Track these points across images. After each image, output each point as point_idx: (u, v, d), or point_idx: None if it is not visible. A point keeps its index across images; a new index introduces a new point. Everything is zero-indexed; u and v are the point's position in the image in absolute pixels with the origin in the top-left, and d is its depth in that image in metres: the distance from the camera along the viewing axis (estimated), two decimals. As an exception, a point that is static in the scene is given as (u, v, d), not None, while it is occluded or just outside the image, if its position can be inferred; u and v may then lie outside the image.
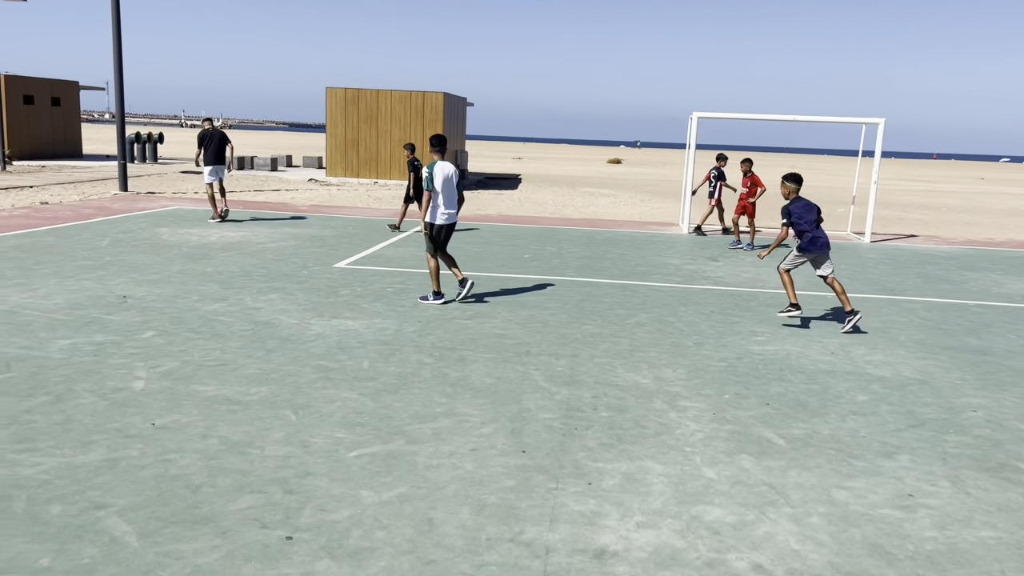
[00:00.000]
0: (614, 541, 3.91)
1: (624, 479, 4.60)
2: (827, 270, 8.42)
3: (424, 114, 26.56)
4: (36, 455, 4.54)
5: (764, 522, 4.17)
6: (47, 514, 3.90)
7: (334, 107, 26.82)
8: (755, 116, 17.02)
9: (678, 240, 15.50)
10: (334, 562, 3.61)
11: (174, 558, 3.58)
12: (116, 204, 17.14)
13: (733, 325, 8.47)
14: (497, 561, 3.68)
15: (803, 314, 8.78)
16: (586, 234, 15.78)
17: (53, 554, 3.56)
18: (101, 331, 7.10)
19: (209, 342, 6.91)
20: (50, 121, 31.75)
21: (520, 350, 7.13)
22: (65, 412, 5.19)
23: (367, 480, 4.43)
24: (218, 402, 5.50)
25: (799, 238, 8.36)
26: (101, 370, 6.05)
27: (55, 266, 9.89)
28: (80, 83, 33.91)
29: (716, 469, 4.80)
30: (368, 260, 11.49)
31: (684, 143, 16.87)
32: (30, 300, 8.10)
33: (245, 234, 13.45)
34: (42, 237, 12.14)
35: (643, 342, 7.60)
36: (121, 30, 18.81)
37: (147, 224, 14.11)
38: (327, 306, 8.47)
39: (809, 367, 7.03)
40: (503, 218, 18.12)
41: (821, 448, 5.20)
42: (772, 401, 6.08)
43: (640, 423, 5.49)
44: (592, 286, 10.29)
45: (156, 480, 4.31)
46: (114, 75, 19.09)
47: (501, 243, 13.85)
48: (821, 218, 8.36)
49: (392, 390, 5.92)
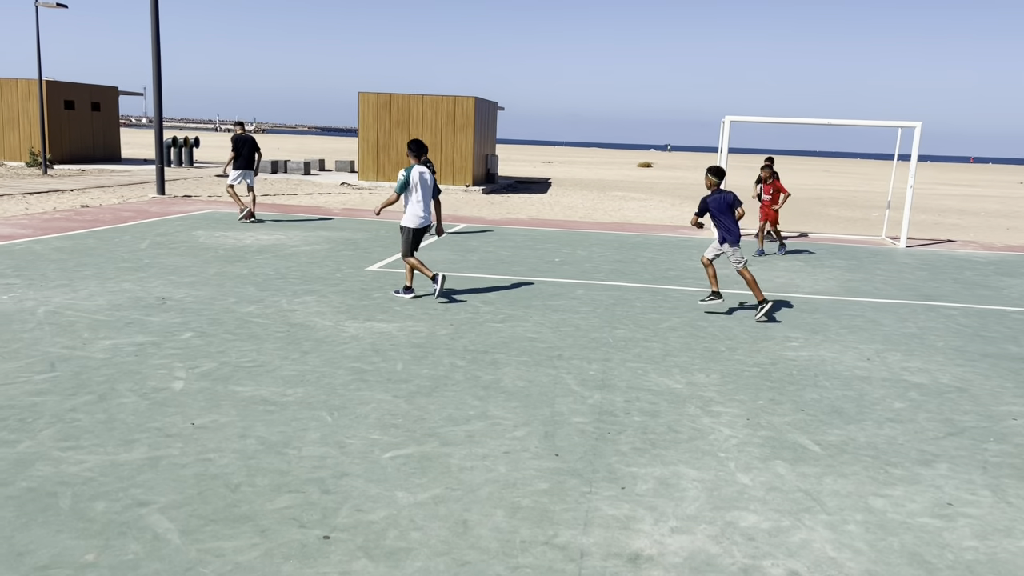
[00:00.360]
0: (648, 546, 3.91)
1: (658, 484, 4.59)
2: (738, 263, 9.00)
3: (455, 118, 26.70)
4: (81, 453, 4.65)
5: (800, 529, 4.14)
6: (92, 511, 3.99)
7: (367, 112, 27.05)
8: (788, 120, 16.88)
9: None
10: (371, 562, 3.65)
11: (215, 555, 3.65)
12: (154, 207, 17.45)
13: (766, 330, 8.41)
14: (532, 564, 3.70)
15: (723, 304, 9.24)
16: (617, 238, 15.75)
17: (98, 550, 3.64)
18: (141, 332, 7.24)
19: (246, 343, 7.01)
20: (90, 126, 32.40)
21: (552, 354, 7.15)
22: (108, 411, 5.31)
23: (402, 481, 4.47)
24: (255, 403, 5.59)
25: (718, 230, 9.03)
26: (142, 370, 6.18)
27: (96, 268, 10.10)
28: (119, 88, 34.57)
29: (751, 475, 4.77)
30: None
31: (715, 147, 16.77)
32: (73, 301, 8.28)
33: (279, 237, 13.62)
34: (83, 239, 12.40)
35: (675, 347, 7.58)
36: (160, 38, 19.15)
37: (184, 227, 14.34)
38: (361, 308, 8.55)
39: (844, 373, 6.96)
40: (533, 222, 18.15)
41: (857, 455, 5.15)
42: (807, 407, 6.03)
43: (673, 428, 5.48)
44: (623, 290, 10.28)
45: (196, 479, 4.39)
46: (152, 81, 19.44)
47: (531, 247, 13.88)
48: (743, 212, 8.96)
49: (426, 392, 5.97)
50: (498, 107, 32.48)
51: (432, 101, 26.69)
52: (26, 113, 29.91)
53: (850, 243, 16.66)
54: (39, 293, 8.57)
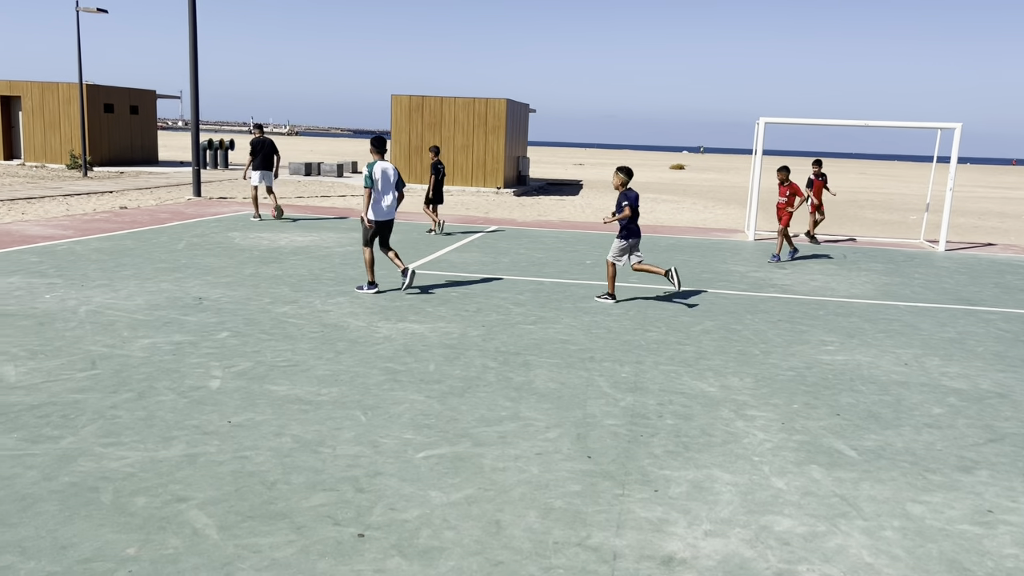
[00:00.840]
0: (682, 549, 3.89)
1: (691, 487, 4.57)
2: (636, 258, 9.44)
3: (487, 121, 26.77)
4: (121, 449, 4.74)
5: (836, 534, 4.09)
6: (133, 505, 4.07)
7: (399, 114, 27.23)
8: (825, 121, 16.69)
9: (743, 247, 15.29)
10: (404, 560, 3.68)
11: (252, 551, 3.70)
12: (190, 209, 17.72)
13: (801, 334, 8.33)
14: (565, 565, 3.70)
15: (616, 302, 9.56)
16: (649, 240, 15.68)
17: (139, 544, 3.72)
18: (179, 331, 7.36)
19: (281, 343, 7.10)
20: (128, 128, 32.99)
21: (584, 356, 7.14)
22: (147, 408, 5.41)
23: (435, 481, 4.50)
24: (290, 401, 5.66)
25: (628, 227, 9.34)
26: (180, 369, 6.28)
27: (135, 268, 10.28)
28: (156, 92, 35.16)
29: (785, 479, 4.73)
30: (432, 265, 11.63)
31: (749, 148, 16.64)
32: (113, 301, 8.45)
33: (313, 238, 13.76)
34: (122, 240, 12.64)
35: (709, 350, 7.53)
36: (197, 42, 19.46)
37: (220, 228, 14.55)
38: (393, 310, 8.62)
39: (881, 378, 6.87)
40: (564, 224, 18.14)
41: (895, 461, 5.08)
42: (843, 412, 5.96)
43: (707, 431, 5.45)
44: (656, 292, 10.23)
45: (233, 476, 4.46)
46: (189, 85, 19.75)
47: (563, 249, 13.87)
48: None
49: (458, 393, 6.00)
50: (530, 109, 32.52)
51: (464, 103, 26.79)
52: (67, 117, 30.55)
53: (887, 246, 16.42)
54: (80, 292, 8.75)
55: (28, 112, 30.89)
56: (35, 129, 30.93)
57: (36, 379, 5.89)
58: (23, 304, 8.13)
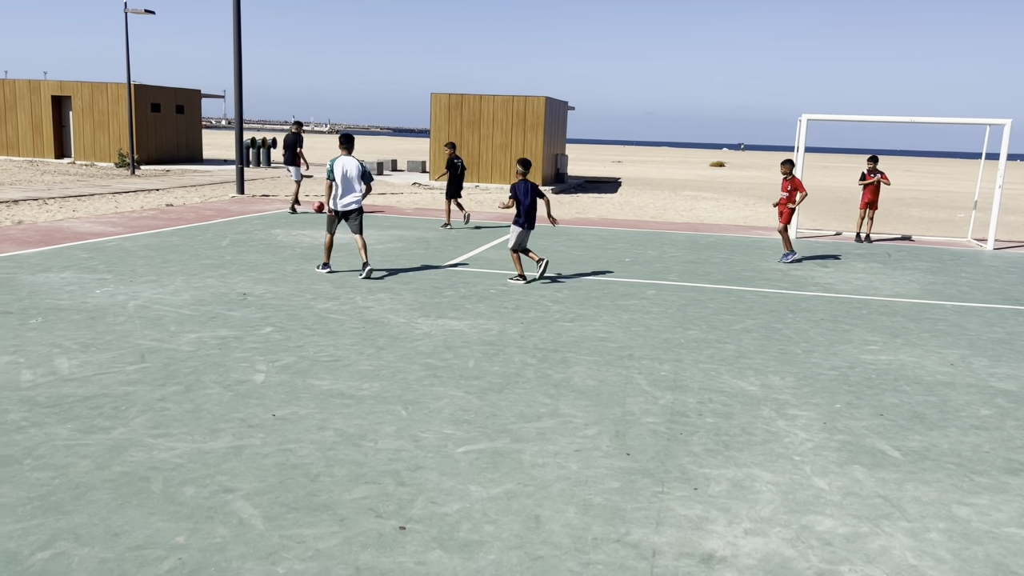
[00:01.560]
0: (722, 547, 3.89)
1: (731, 485, 4.55)
2: (510, 243, 10.32)
3: (526, 118, 26.79)
4: (170, 440, 4.87)
5: (879, 535, 4.05)
6: (181, 495, 4.18)
7: (438, 112, 27.38)
8: (869, 118, 16.42)
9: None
10: (445, 553, 3.73)
11: (296, 542, 3.78)
12: (234, 206, 18.03)
13: (844, 333, 8.22)
14: (604, 560, 3.72)
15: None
16: (689, 238, 15.58)
17: (188, 532, 3.82)
18: (224, 326, 7.51)
19: (323, 339, 7.21)
20: (174, 127, 33.64)
21: (623, 353, 7.14)
22: (194, 401, 5.54)
23: (475, 476, 4.54)
24: (333, 396, 5.75)
25: (518, 215, 10.26)
26: (225, 363, 6.42)
27: (181, 264, 10.51)
28: (201, 91, 35.79)
29: (827, 479, 4.69)
30: (471, 262, 11.70)
31: (791, 146, 16.43)
32: (160, 296, 8.65)
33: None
34: (168, 237, 12.92)
35: (749, 348, 7.48)
36: (241, 44, 19.78)
37: (263, 225, 14.79)
38: (433, 306, 8.69)
39: (926, 378, 6.76)
40: (603, 222, 18.09)
41: (940, 462, 5.00)
42: (886, 412, 5.88)
43: (747, 430, 5.41)
44: (696, 291, 10.17)
45: (278, 468, 4.55)
46: (234, 85, 20.08)
47: (602, 247, 13.85)
48: (542, 199, 10.27)
49: (497, 389, 6.04)
50: (568, 107, 32.46)
51: (503, 101, 26.84)
52: (116, 116, 31.26)
53: (933, 245, 16.11)
54: (129, 288, 8.97)
55: (78, 112, 31.67)
56: (85, 128, 31.69)
57: (88, 371, 6.07)
58: (75, 299, 8.36)
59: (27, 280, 9.18)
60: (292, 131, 17.24)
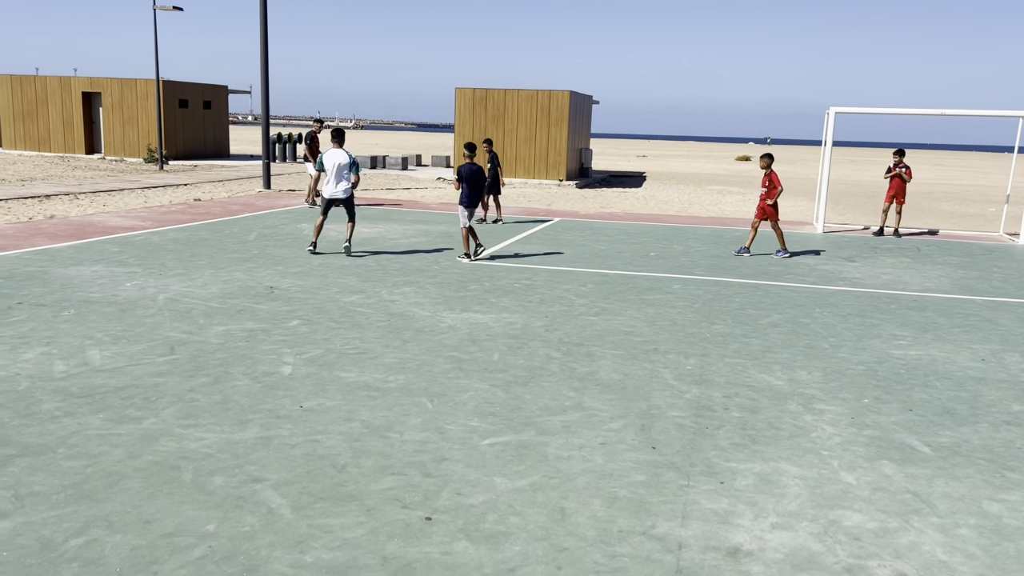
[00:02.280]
0: (748, 540, 3.87)
1: (758, 479, 4.53)
2: (463, 223, 11.19)
3: (550, 113, 26.74)
4: (200, 431, 4.93)
5: (908, 531, 4.01)
6: (211, 485, 4.24)
7: (463, 107, 27.40)
8: (898, 111, 16.20)
9: (812, 239, 14.97)
10: (471, 544, 3.75)
11: (324, 531, 3.82)
12: (261, 201, 18.19)
13: (872, 328, 8.13)
14: (629, 553, 3.72)
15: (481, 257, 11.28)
16: (714, 232, 15.49)
17: (218, 521, 3.87)
18: (252, 319, 7.59)
19: (349, 332, 7.26)
20: (202, 123, 33.98)
21: (648, 348, 7.12)
22: (223, 392, 5.61)
23: (500, 468, 4.56)
24: (359, 388, 5.79)
25: (464, 195, 11.13)
26: (253, 355, 6.48)
27: (209, 258, 10.63)
28: (228, 87, 36.11)
29: (855, 474, 4.65)
30: (495, 256, 11.71)
31: (818, 140, 16.25)
32: (189, 289, 8.76)
33: (379, 230, 13.99)
34: (197, 231, 13.06)
35: (776, 343, 7.42)
36: (268, 41, 19.93)
37: (289, 220, 14.91)
38: (458, 300, 8.72)
39: (957, 373, 6.67)
40: (628, 216, 18.03)
41: (971, 458, 4.94)
42: (916, 407, 5.81)
43: (774, 424, 5.38)
44: (721, 285, 10.11)
45: (305, 458, 4.59)
46: (260, 83, 20.24)
47: (626, 241, 13.80)
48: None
49: (522, 382, 6.05)
50: (593, 101, 32.35)
51: (527, 96, 26.80)
52: (144, 112, 31.63)
53: (964, 239, 15.87)
54: (159, 281, 9.09)
55: (108, 108, 32.09)
56: (114, 124, 32.11)
57: (119, 363, 6.16)
58: (106, 291, 8.49)
59: (59, 273, 9.34)
60: (313, 129, 17.71)
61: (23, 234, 12.14)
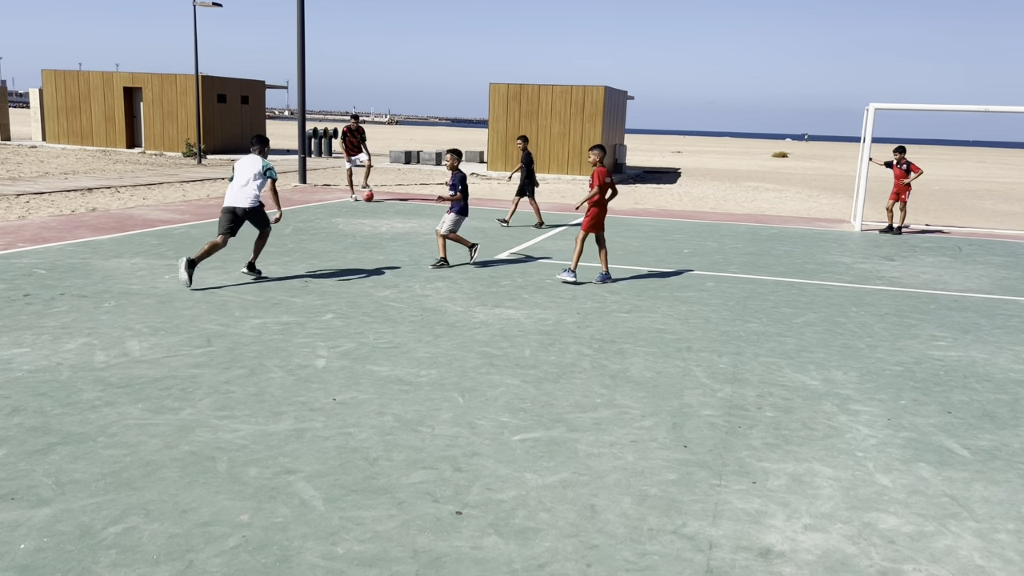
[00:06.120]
0: (780, 541, 3.83)
1: (791, 480, 4.48)
2: (445, 228, 10.28)
3: (584, 108, 26.64)
4: (235, 422, 5.01)
5: (945, 535, 3.94)
6: (245, 475, 4.30)
7: (496, 102, 27.40)
8: (940, 107, 15.89)
9: (849, 237, 14.75)
10: (501, 539, 3.76)
11: (356, 523, 3.86)
12: (296, 195, 18.37)
13: (910, 328, 7.99)
14: (659, 551, 3.71)
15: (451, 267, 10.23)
16: (750, 230, 15.33)
17: (252, 511, 3.93)
18: (287, 312, 7.68)
19: (382, 326, 7.32)
20: (239, 118, 34.39)
21: (680, 345, 7.07)
22: (258, 384, 5.68)
23: (531, 464, 4.57)
24: (391, 382, 5.83)
25: (459, 204, 10.28)
26: (287, 348, 6.56)
27: (245, 252, 10.76)
28: (265, 82, 36.50)
29: (891, 476, 4.58)
30: (527, 252, 11.71)
31: (857, 136, 16.00)
32: (225, 282, 8.88)
33: (412, 225, 14.06)
34: (234, 225, 13.22)
35: (811, 342, 7.33)
36: (305, 36, 20.10)
37: (324, 214, 15.04)
38: (490, 295, 8.74)
39: (998, 376, 6.53)
40: (662, 212, 17.91)
41: (1011, 462, 4.84)
42: (955, 410, 5.71)
43: (808, 425, 5.32)
44: (756, 283, 10.01)
45: (338, 451, 4.64)
46: (297, 77, 20.43)
47: (660, 238, 13.71)
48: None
49: (553, 379, 6.05)
50: (628, 96, 32.16)
51: (561, 91, 26.73)
52: (184, 107, 32.10)
53: (1007, 238, 15.53)
54: (196, 274, 9.22)
55: (148, 103, 32.62)
56: (155, 119, 32.63)
57: (158, 354, 6.27)
58: (145, 284, 8.64)
59: (101, 265, 9.52)
60: (349, 124, 18.14)
61: (66, 226, 12.40)
